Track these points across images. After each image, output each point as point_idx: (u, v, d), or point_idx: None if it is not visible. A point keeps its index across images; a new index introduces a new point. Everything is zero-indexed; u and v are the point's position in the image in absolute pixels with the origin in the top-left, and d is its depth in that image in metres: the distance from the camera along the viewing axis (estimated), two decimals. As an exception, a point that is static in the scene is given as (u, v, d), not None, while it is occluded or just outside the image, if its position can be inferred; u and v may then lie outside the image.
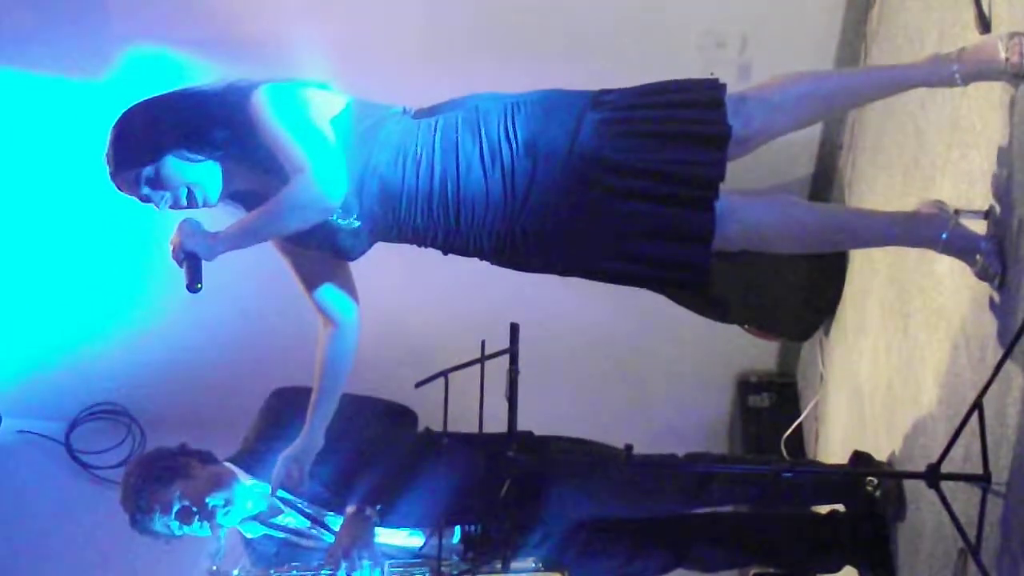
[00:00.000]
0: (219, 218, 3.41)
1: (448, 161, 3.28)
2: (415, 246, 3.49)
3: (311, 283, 3.60)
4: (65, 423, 6.45)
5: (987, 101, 3.42)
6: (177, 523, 3.84)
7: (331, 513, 3.96)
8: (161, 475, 3.88)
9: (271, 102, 3.29)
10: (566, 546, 4.09)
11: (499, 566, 3.57)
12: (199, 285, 3.25)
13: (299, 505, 3.93)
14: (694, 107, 3.33)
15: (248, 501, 3.90)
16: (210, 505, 3.83)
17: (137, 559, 5.88)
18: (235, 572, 3.80)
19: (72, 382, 6.31)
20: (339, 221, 3.34)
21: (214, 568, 3.76)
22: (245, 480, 3.92)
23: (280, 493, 3.87)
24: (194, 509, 3.83)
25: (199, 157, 3.31)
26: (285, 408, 4.00)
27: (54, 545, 6.17)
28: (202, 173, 3.33)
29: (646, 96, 3.38)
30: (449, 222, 3.32)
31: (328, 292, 3.61)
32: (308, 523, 3.96)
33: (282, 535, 4.00)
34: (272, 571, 3.85)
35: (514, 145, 3.28)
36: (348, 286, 3.64)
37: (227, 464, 3.96)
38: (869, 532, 4.21)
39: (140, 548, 5.68)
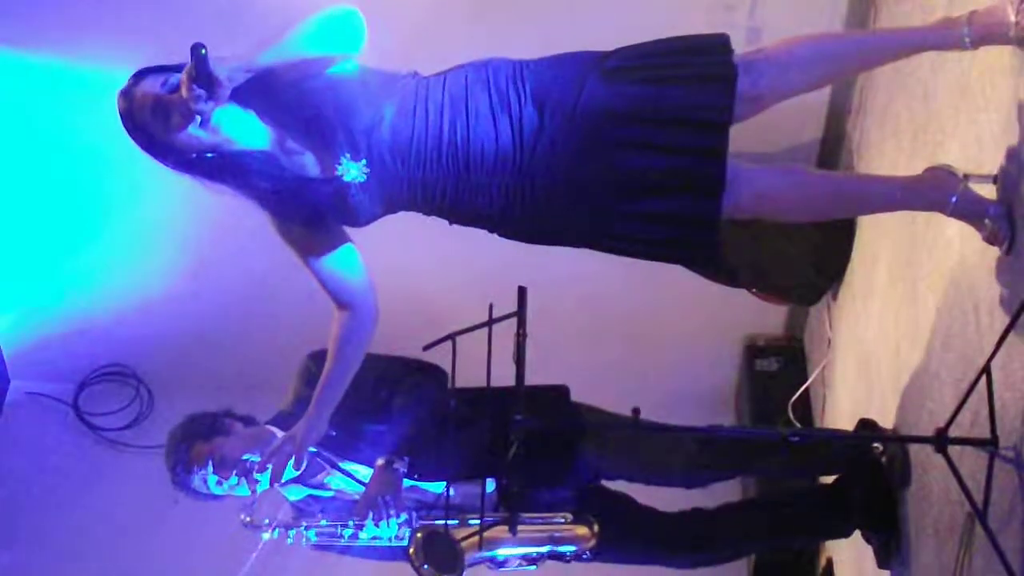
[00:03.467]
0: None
1: (457, 109, 3.29)
2: (422, 215, 3.50)
3: (322, 270, 3.58)
4: (73, 385, 6.48)
5: (997, 65, 3.41)
6: (215, 478, 3.88)
7: (362, 465, 4.01)
8: (202, 431, 3.94)
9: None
10: (590, 512, 4.12)
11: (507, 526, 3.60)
12: (203, 50, 3.05)
13: (328, 457, 3.97)
14: (700, 53, 3.34)
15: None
16: (247, 462, 3.87)
17: (144, 520, 5.94)
18: (266, 522, 3.84)
19: (80, 344, 6.32)
20: (348, 168, 3.32)
21: (247, 519, 3.80)
22: None
23: (324, 452, 3.96)
24: (231, 463, 3.88)
25: None
26: (320, 370, 4.02)
27: (62, 505, 6.21)
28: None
29: (653, 46, 3.39)
30: (459, 170, 3.31)
31: (341, 277, 3.60)
32: (341, 476, 3.99)
33: (325, 493, 4.03)
34: (303, 521, 3.89)
35: (522, 95, 3.29)
36: (359, 271, 3.62)
37: (268, 427, 3.99)
38: (876, 498, 4.22)
39: (147, 509, 5.73)
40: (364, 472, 4.01)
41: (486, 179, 3.32)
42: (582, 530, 4.01)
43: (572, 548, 4.04)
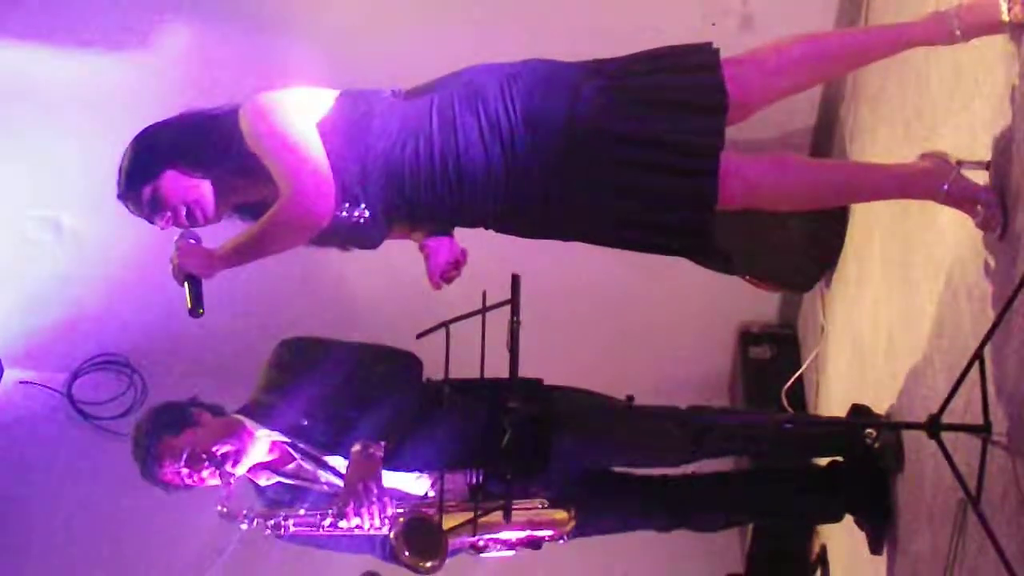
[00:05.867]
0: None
1: (447, 138, 3.31)
2: None
3: None
4: (67, 374, 6.47)
5: (990, 51, 3.41)
6: (187, 471, 3.86)
7: (338, 456, 3.97)
8: (171, 423, 3.92)
9: (259, 112, 3.36)
10: (569, 497, 4.10)
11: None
12: (200, 311, 3.44)
13: (302, 447, 3.94)
14: (691, 73, 3.35)
15: (258, 451, 3.92)
16: (219, 453, 3.86)
17: (139, 509, 5.93)
18: (244, 512, 3.82)
19: (73, 333, 6.31)
20: (352, 214, 3.37)
21: (223, 510, 3.78)
22: (256, 431, 3.93)
23: (282, 438, 3.91)
24: (203, 456, 3.85)
25: (196, 173, 3.40)
26: (293, 358, 4.01)
27: (56, 495, 6.20)
28: (201, 190, 3.41)
29: (642, 63, 3.40)
30: (453, 197, 3.35)
31: None
32: (316, 467, 3.97)
33: (294, 482, 4.01)
34: (281, 511, 3.87)
35: (512, 117, 3.30)
36: None
37: (237, 416, 3.97)
38: (869, 483, 4.23)
39: (142, 498, 5.72)
40: (337, 462, 3.97)
41: (481, 201, 3.36)
42: (560, 515, 3.99)
43: (549, 532, 4.02)
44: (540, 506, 3.99)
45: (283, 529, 3.83)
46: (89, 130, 5.43)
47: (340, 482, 3.91)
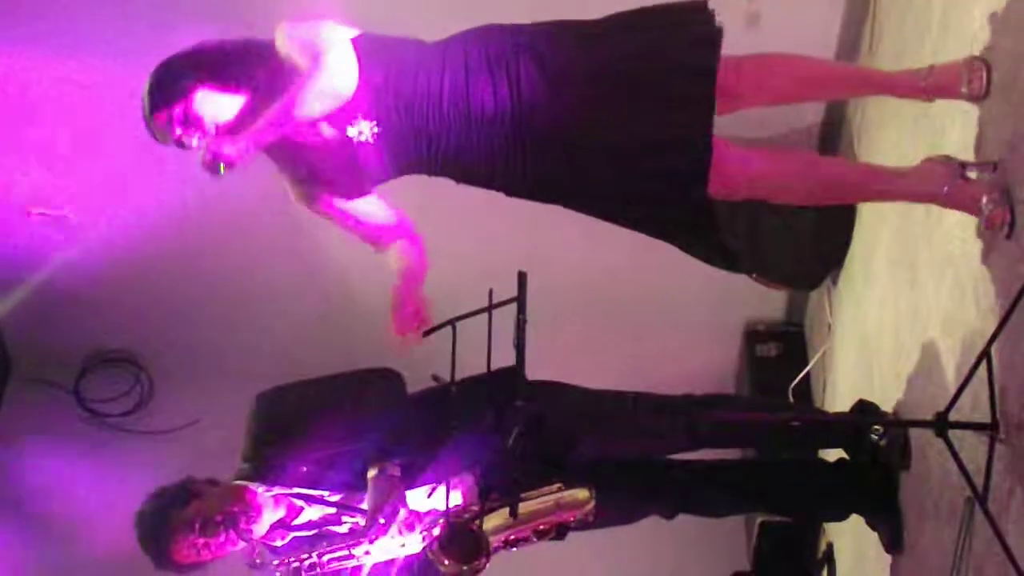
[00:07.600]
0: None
1: (456, 70, 3.45)
2: (428, 175, 3.60)
3: (359, 216, 3.73)
4: (74, 371, 6.47)
5: (998, 49, 3.41)
6: (202, 540, 3.73)
7: (353, 491, 3.90)
8: (174, 500, 3.80)
9: (293, 21, 3.49)
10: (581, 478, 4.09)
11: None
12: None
13: (325, 497, 3.86)
14: (689, 11, 3.48)
15: (268, 511, 3.83)
16: (231, 513, 3.74)
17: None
18: (274, 563, 3.71)
19: (79, 330, 6.32)
20: (360, 128, 3.47)
21: (257, 561, 3.68)
22: (258, 489, 3.82)
23: (285, 491, 3.83)
24: (217, 520, 3.73)
25: (227, 90, 3.47)
26: (277, 408, 3.92)
27: (63, 492, 6.20)
28: (231, 107, 3.48)
29: (644, 10, 3.54)
30: (460, 121, 3.44)
31: (372, 222, 3.76)
32: (328, 509, 3.89)
33: (310, 532, 3.92)
34: (313, 551, 3.72)
35: (520, 53, 3.43)
36: (389, 210, 3.77)
37: (236, 481, 3.85)
38: (876, 481, 4.22)
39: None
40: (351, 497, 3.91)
41: (487, 130, 3.45)
42: (582, 494, 3.93)
43: (574, 514, 3.95)
44: (559, 489, 3.94)
45: (319, 566, 3.71)
46: (93, 128, 5.44)
47: (359, 517, 3.82)
